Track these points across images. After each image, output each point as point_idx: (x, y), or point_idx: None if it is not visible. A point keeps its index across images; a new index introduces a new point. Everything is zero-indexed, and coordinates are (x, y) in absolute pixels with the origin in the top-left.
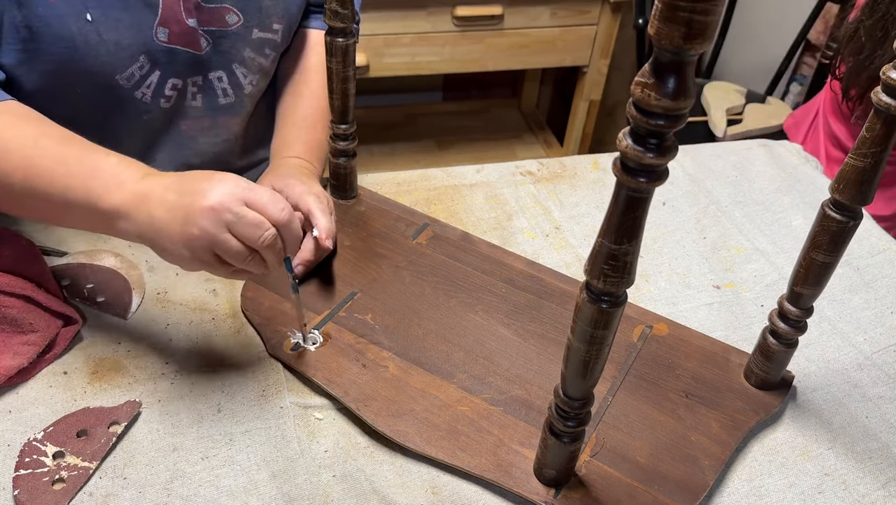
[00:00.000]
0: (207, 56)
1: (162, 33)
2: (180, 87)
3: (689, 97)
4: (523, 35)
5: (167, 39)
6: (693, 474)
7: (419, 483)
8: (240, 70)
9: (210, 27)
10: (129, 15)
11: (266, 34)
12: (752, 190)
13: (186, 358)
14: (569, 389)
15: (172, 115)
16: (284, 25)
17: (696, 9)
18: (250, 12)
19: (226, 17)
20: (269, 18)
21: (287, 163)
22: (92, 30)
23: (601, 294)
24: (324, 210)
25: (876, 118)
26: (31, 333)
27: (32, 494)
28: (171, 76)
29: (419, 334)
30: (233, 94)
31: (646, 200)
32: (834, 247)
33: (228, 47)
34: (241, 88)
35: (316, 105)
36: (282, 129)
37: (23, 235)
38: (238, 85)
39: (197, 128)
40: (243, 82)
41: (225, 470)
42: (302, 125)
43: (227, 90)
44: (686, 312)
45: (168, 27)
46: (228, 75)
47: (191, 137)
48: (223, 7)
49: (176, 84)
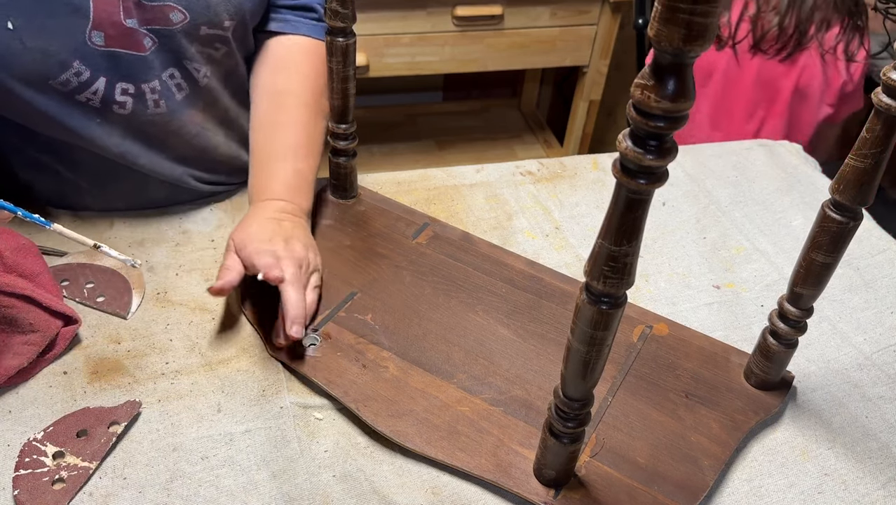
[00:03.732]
0: (153, 56)
1: (97, 37)
2: (133, 91)
3: (689, 99)
4: (523, 35)
5: (104, 43)
6: (693, 474)
7: (419, 483)
8: (191, 65)
9: (153, 26)
10: (56, 21)
11: (215, 31)
12: (752, 190)
13: (186, 358)
14: (568, 390)
15: (137, 123)
16: (237, 22)
17: (695, 10)
18: (196, 10)
19: (170, 16)
20: (218, 17)
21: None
22: (15, 38)
23: (601, 295)
24: (296, 288)
25: (876, 119)
26: (31, 333)
27: (32, 494)
28: (119, 80)
29: (419, 334)
30: (187, 87)
31: (646, 202)
32: (834, 247)
33: (176, 46)
34: (196, 82)
35: (294, 134)
36: (256, 167)
37: (22, 235)
38: (191, 78)
39: (164, 131)
40: (197, 76)
41: (225, 470)
42: (281, 159)
43: (182, 84)
44: (686, 312)
45: (103, 30)
46: (180, 70)
47: (160, 140)
48: (166, 5)
49: (127, 88)
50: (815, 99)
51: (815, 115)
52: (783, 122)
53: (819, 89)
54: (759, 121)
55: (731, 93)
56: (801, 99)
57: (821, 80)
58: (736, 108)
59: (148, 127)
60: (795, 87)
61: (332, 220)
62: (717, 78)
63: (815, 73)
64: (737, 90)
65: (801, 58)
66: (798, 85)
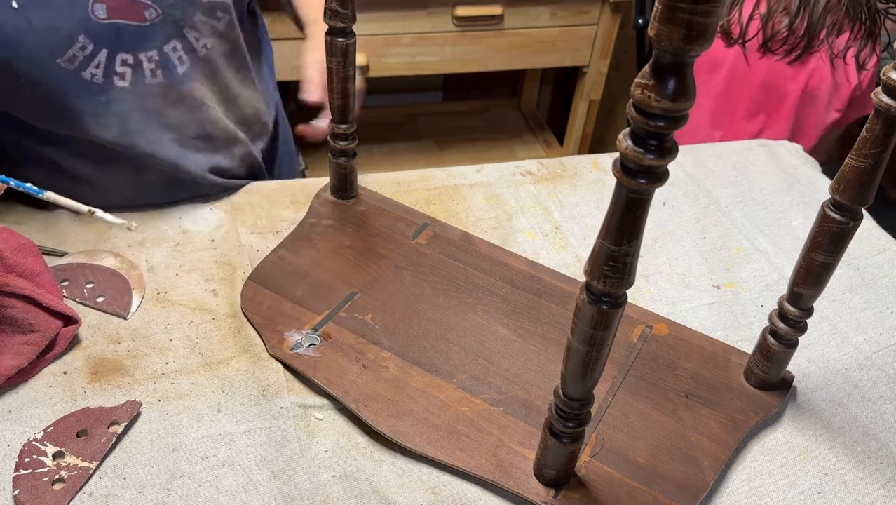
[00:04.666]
0: (154, 27)
1: (100, 10)
2: (131, 62)
3: (690, 98)
4: (523, 35)
5: (106, 15)
6: (693, 474)
7: (419, 483)
8: (191, 34)
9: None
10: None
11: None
12: (752, 190)
13: (186, 358)
14: (568, 390)
15: (135, 97)
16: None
17: (695, 10)
18: None
19: None
20: None
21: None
22: (21, 17)
23: (601, 295)
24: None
25: (876, 119)
26: (31, 333)
27: (32, 494)
28: (119, 51)
29: (419, 334)
30: (188, 59)
31: (646, 201)
32: (834, 247)
33: (178, 15)
34: (195, 52)
35: None
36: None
37: (23, 235)
38: (191, 49)
39: (163, 103)
40: (196, 45)
41: (225, 470)
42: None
43: (183, 57)
44: (686, 311)
45: (105, 2)
46: (182, 42)
47: (160, 114)
48: None
49: (126, 59)
50: (823, 103)
51: (822, 120)
52: (788, 126)
53: (828, 93)
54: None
55: (735, 90)
56: (808, 102)
57: (830, 83)
58: (739, 106)
59: (147, 101)
60: (804, 90)
61: (332, 220)
62: (724, 72)
63: (825, 77)
64: (742, 88)
65: (811, 60)
66: (807, 88)
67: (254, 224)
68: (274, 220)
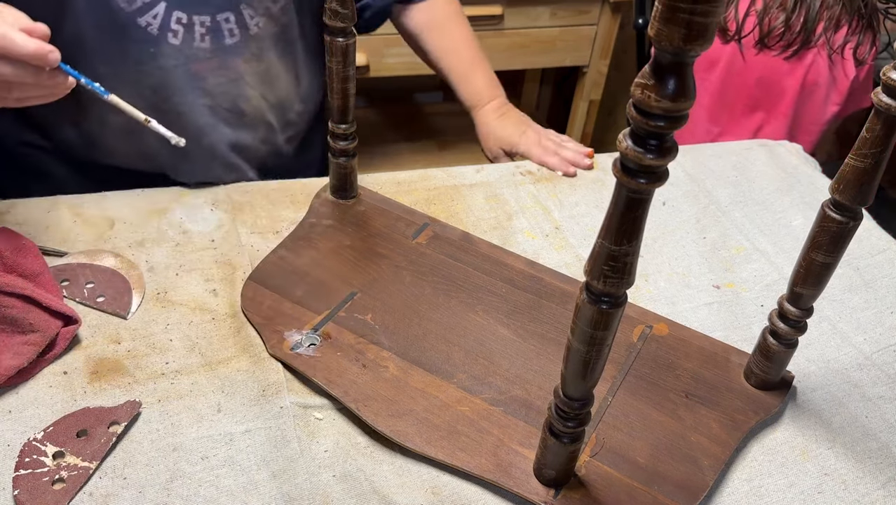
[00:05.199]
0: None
1: None
2: (185, 22)
3: (690, 98)
4: (523, 35)
5: None
6: (693, 474)
7: (419, 483)
8: (247, 11)
9: None
10: None
11: None
12: (752, 190)
13: (186, 358)
14: (568, 390)
15: (182, 56)
16: None
17: (695, 10)
18: None
19: None
20: None
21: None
22: None
23: (601, 295)
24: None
25: (876, 118)
26: (31, 333)
27: (32, 494)
28: (176, 8)
29: (419, 334)
30: (238, 34)
31: (646, 201)
32: (834, 247)
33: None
34: (247, 29)
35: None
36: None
37: (23, 235)
38: (244, 25)
39: (206, 68)
40: (249, 23)
41: (225, 470)
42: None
43: (234, 30)
44: (686, 312)
45: None
46: (236, 15)
47: (201, 78)
48: None
49: (181, 18)
50: (822, 97)
51: (822, 114)
52: (787, 122)
53: (826, 87)
54: (761, 119)
55: (732, 87)
56: (807, 97)
57: (828, 78)
58: (736, 102)
59: (193, 62)
60: (801, 85)
61: (332, 220)
62: (720, 69)
63: (822, 71)
64: (739, 85)
65: (808, 55)
66: (804, 83)
67: (254, 224)
68: (274, 220)
